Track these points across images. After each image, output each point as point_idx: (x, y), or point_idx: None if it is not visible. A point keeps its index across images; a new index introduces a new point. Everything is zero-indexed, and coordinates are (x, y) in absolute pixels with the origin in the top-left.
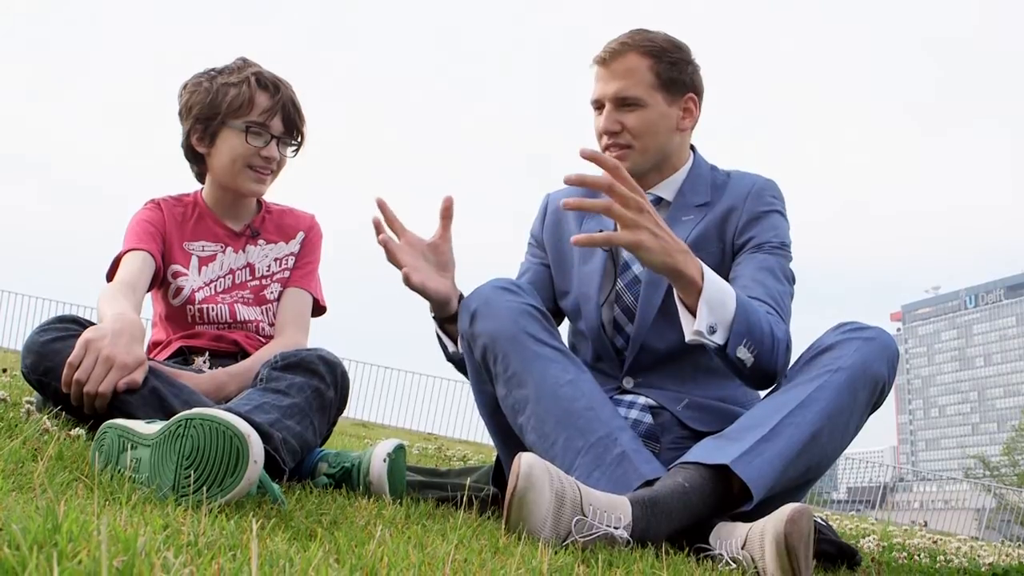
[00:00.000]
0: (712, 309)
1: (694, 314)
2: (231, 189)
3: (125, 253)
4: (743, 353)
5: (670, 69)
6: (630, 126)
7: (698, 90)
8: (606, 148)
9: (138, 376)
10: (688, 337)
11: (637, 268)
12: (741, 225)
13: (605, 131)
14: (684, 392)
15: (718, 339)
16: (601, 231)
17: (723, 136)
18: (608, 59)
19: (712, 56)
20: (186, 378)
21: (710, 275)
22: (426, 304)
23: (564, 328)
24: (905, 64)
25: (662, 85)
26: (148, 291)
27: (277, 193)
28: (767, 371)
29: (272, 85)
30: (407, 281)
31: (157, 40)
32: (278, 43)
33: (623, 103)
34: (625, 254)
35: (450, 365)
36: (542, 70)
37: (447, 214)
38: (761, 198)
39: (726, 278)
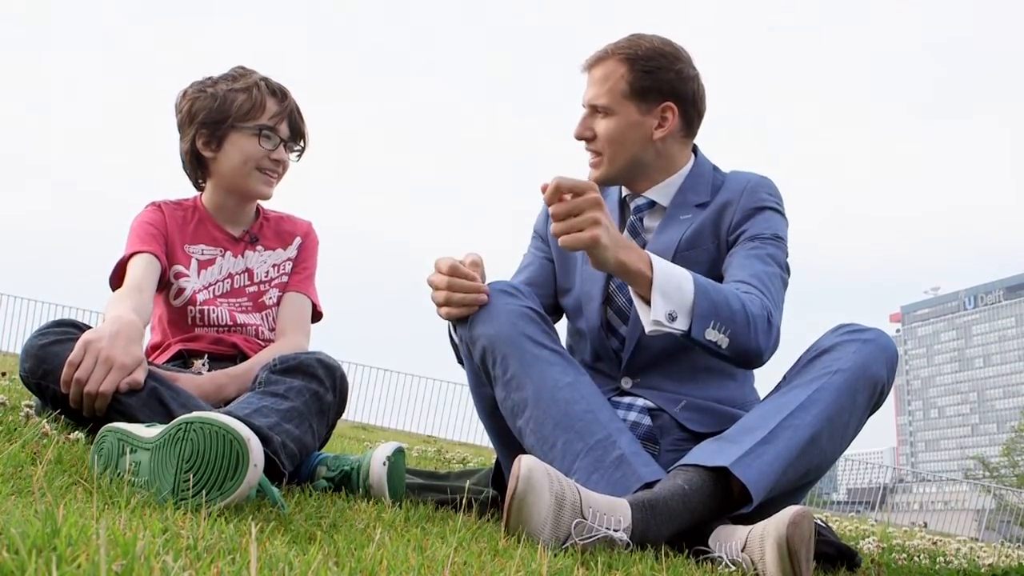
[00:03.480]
0: (667, 296)
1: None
2: (238, 192)
3: (129, 257)
4: (713, 335)
5: (644, 77)
6: (599, 134)
7: (682, 97)
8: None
9: (139, 376)
10: (648, 328)
11: None
12: (735, 221)
13: (575, 136)
14: (682, 392)
15: (680, 325)
16: None
17: (721, 137)
18: (589, 65)
19: (710, 57)
20: (184, 380)
21: (659, 264)
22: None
23: (561, 329)
24: (904, 64)
25: (634, 94)
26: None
27: (279, 196)
28: (747, 349)
29: (280, 92)
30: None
31: (159, 42)
32: (280, 44)
33: (595, 110)
34: None
35: (459, 367)
36: (545, 71)
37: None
38: (756, 194)
39: (721, 274)
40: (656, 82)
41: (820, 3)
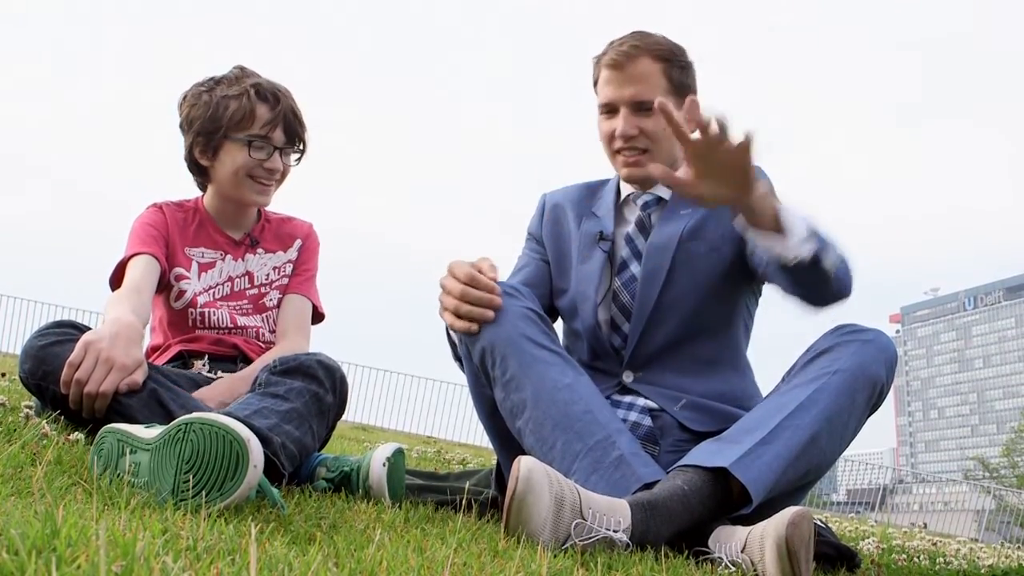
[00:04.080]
0: (794, 223)
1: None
2: (234, 200)
3: (130, 258)
4: (829, 261)
5: (680, 73)
6: (648, 131)
7: (696, 92)
8: (619, 151)
9: (138, 377)
10: (794, 255)
11: (635, 267)
12: None
13: (623, 135)
14: (684, 386)
15: (808, 250)
16: (600, 232)
17: None
18: (623, 63)
19: (711, 56)
20: (208, 391)
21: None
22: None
23: (559, 328)
24: (903, 64)
25: (674, 89)
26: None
27: (280, 197)
28: (846, 282)
29: (272, 96)
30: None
31: (159, 42)
32: (281, 45)
33: (640, 107)
34: (622, 252)
35: (455, 365)
36: (546, 71)
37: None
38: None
39: (726, 256)
40: (688, 77)
41: (820, 3)
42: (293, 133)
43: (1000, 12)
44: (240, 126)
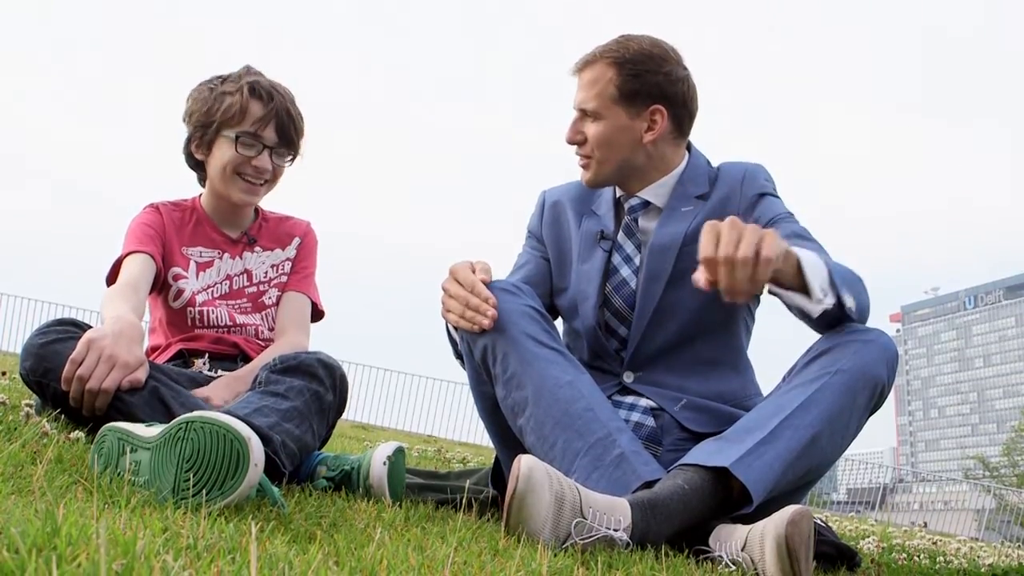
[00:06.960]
0: (816, 276)
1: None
2: (224, 198)
3: (126, 256)
4: (848, 300)
5: (631, 81)
6: (589, 137)
7: (671, 99)
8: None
9: (140, 375)
10: (817, 312)
11: (625, 271)
12: (743, 211)
13: (566, 140)
14: (684, 387)
15: (831, 300)
16: (601, 231)
17: (722, 136)
18: (580, 68)
19: (711, 56)
20: (207, 390)
21: (798, 250)
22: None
23: (559, 327)
24: (904, 63)
25: (622, 98)
26: (150, 293)
27: (279, 197)
28: (865, 306)
29: (267, 94)
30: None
31: (160, 42)
32: (280, 45)
33: (585, 114)
34: (613, 259)
35: (456, 362)
36: (546, 70)
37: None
38: (756, 181)
39: None
40: (644, 85)
41: (821, 2)
42: (286, 133)
43: (1004, 11)
44: (232, 122)
